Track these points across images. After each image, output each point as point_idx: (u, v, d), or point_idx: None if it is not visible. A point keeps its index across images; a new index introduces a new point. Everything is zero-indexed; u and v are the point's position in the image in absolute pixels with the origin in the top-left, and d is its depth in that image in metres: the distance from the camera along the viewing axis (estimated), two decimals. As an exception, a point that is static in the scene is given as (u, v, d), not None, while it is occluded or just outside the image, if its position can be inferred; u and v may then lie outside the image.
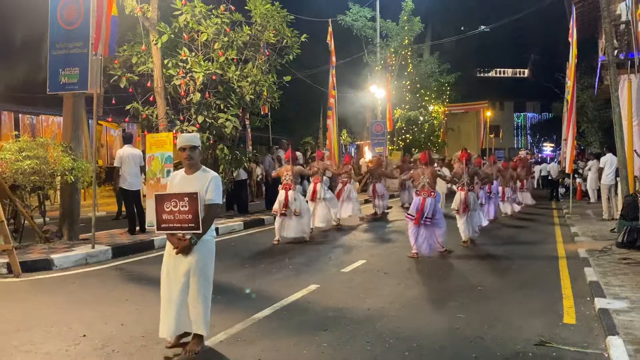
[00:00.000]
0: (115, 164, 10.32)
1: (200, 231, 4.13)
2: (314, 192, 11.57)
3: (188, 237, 4.18)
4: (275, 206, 10.22)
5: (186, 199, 4.13)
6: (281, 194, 10.16)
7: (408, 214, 8.73)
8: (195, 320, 4.19)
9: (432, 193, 8.63)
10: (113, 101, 11.93)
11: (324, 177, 12.24)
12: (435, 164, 10.52)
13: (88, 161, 9.59)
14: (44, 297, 6.22)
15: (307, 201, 11.01)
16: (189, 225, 4.13)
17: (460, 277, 7.31)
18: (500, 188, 14.16)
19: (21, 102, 17.63)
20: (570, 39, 14.54)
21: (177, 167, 12.89)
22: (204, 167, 4.41)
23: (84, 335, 4.69)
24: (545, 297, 6.13)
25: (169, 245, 4.32)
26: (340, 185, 13.09)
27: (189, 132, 11.82)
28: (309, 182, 12.97)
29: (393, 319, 5.22)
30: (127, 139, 11.06)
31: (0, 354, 4.29)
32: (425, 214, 8.46)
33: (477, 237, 10.05)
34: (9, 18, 15.27)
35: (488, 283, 6.84)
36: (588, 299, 5.93)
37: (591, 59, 20.47)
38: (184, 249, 4.17)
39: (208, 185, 4.24)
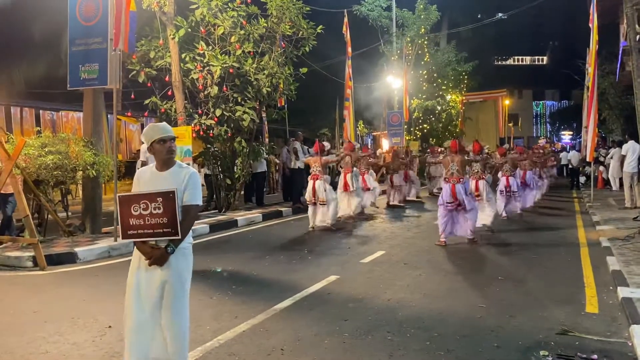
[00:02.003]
0: (141, 158, 10.45)
1: (179, 237, 3.43)
2: (346, 183, 11.83)
3: (163, 244, 3.47)
4: (307, 196, 10.80)
5: (160, 199, 3.41)
6: (310, 184, 10.64)
7: (445, 202, 8.74)
8: (172, 346, 3.49)
9: (462, 179, 8.72)
10: (132, 96, 12.05)
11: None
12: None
13: (109, 155, 9.72)
14: (69, 289, 6.35)
15: (338, 192, 11.65)
16: (165, 230, 3.42)
17: (481, 267, 7.29)
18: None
19: (41, 98, 17.91)
20: (590, 25, 14.29)
21: (196, 160, 13.03)
22: (179, 162, 3.66)
23: (110, 327, 4.79)
24: (567, 286, 6.09)
25: (135, 257, 3.58)
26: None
27: (207, 125, 11.91)
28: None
29: (414, 309, 5.23)
30: None
31: (29, 344, 4.39)
32: (458, 200, 8.58)
33: (484, 232, 9.89)
34: (29, 15, 15.49)
35: (509, 272, 6.81)
36: (611, 288, 5.88)
37: (612, 45, 20.12)
38: (159, 259, 3.44)
39: (186, 183, 3.51)
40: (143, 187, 3.59)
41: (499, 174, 12.09)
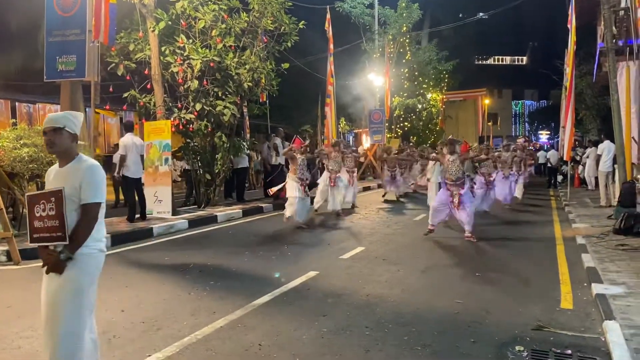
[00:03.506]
0: (120, 152, 10.35)
1: (66, 242, 2.99)
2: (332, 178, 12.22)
3: (59, 249, 3.07)
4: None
5: (53, 199, 3.04)
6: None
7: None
8: None
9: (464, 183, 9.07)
10: (111, 89, 11.88)
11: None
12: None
13: (86, 149, 9.56)
14: (44, 284, 6.24)
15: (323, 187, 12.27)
16: (57, 234, 3.03)
17: (459, 264, 7.35)
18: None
19: (18, 90, 17.56)
20: (569, 26, 14.49)
21: (175, 155, 12.91)
22: (81, 155, 3.24)
23: (85, 322, 4.71)
24: (543, 283, 6.18)
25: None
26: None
27: (187, 119, 11.80)
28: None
29: (392, 305, 5.26)
30: (129, 128, 11.09)
31: (1, 340, 4.31)
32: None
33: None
34: (4, 5, 15.14)
35: (486, 269, 6.88)
36: (585, 284, 5.98)
37: (590, 46, 20.41)
38: (54, 266, 3.04)
39: (82, 179, 3.09)
40: (49, 186, 3.22)
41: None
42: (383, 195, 16.03)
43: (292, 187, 10.22)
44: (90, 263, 3.13)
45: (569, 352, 4.01)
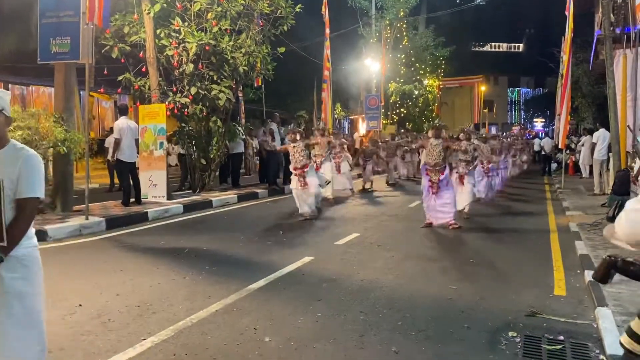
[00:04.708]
0: (114, 136, 10.29)
1: (3, 243, 2.52)
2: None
3: None
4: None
5: None
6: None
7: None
8: None
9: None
10: (105, 72, 11.77)
11: None
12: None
13: (80, 132, 9.51)
14: (39, 267, 6.23)
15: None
16: None
17: (453, 250, 7.39)
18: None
19: (11, 72, 17.35)
20: (566, 13, 14.44)
21: (170, 139, 12.84)
22: (13, 141, 2.72)
23: (80, 305, 4.72)
24: (536, 269, 6.22)
25: None
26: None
27: (182, 103, 11.72)
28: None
29: (386, 290, 5.28)
30: (123, 111, 11.01)
31: (-4, 322, 4.31)
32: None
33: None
34: (-3, -15, 14.90)
35: (481, 256, 6.92)
36: (578, 271, 6.02)
37: (587, 34, 20.35)
38: None
39: (21, 170, 2.62)
40: None
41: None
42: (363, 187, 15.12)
43: (293, 179, 10.12)
44: (30, 262, 2.77)
45: (562, 338, 4.05)
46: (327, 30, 18.44)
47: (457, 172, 9.83)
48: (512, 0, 44.70)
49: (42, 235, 7.63)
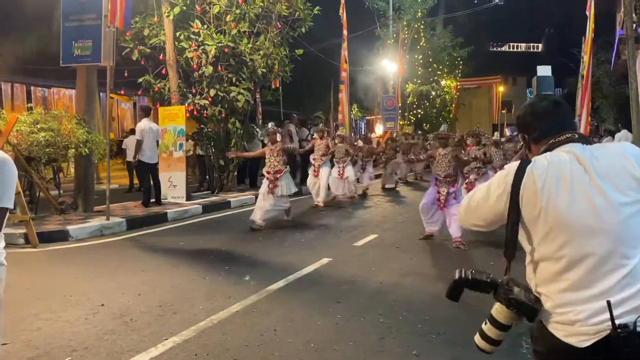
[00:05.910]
0: (137, 137, 10.40)
1: None
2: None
3: None
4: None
5: None
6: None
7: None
8: None
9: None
10: (125, 74, 11.92)
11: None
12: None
13: (101, 134, 9.65)
14: (61, 267, 6.34)
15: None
16: None
17: (473, 253, 7.33)
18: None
19: (33, 74, 17.66)
20: (587, 13, 14.25)
21: (189, 139, 12.96)
22: None
23: (102, 305, 4.79)
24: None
25: None
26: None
27: (201, 105, 11.81)
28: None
29: (405, 292, 5.27)
30: (146, 112, 11.10)
31: (21, 321, 4.39)
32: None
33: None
34: (21, -11, 15.17)
35: (501, 259, 6.84)
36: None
37: (608, 34, 20.09)
38: None
39: None
40: None
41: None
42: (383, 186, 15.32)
43: (263, 183, 9.33)
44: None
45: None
46: (345, 32, 18.45)
47: (467, 181, 9.03)
48: (531, 0, 44.29)
49: (64, 235, 7.78)
